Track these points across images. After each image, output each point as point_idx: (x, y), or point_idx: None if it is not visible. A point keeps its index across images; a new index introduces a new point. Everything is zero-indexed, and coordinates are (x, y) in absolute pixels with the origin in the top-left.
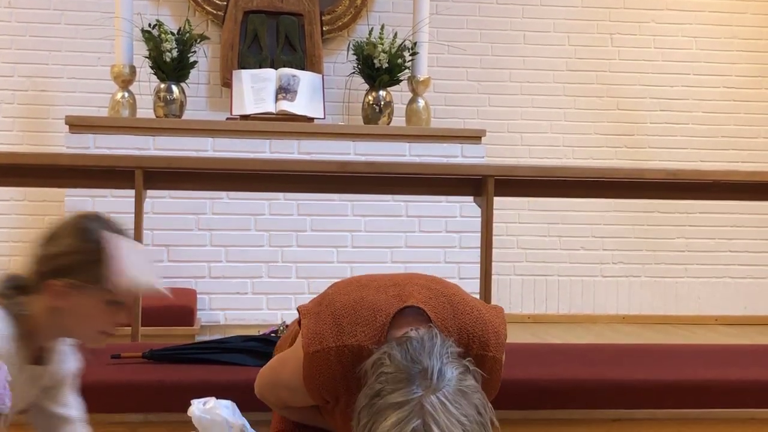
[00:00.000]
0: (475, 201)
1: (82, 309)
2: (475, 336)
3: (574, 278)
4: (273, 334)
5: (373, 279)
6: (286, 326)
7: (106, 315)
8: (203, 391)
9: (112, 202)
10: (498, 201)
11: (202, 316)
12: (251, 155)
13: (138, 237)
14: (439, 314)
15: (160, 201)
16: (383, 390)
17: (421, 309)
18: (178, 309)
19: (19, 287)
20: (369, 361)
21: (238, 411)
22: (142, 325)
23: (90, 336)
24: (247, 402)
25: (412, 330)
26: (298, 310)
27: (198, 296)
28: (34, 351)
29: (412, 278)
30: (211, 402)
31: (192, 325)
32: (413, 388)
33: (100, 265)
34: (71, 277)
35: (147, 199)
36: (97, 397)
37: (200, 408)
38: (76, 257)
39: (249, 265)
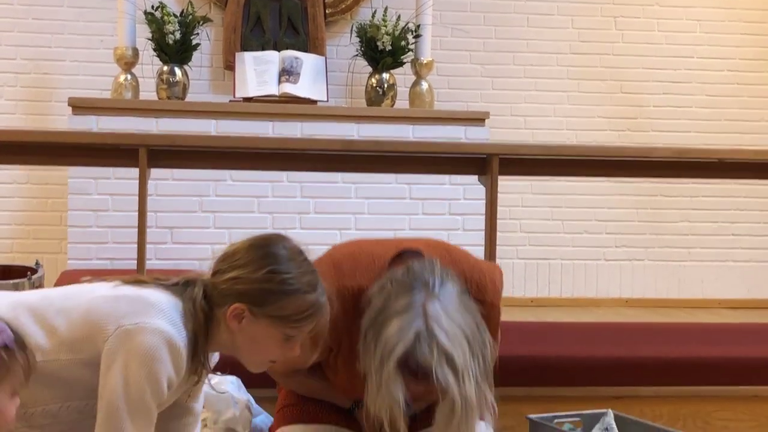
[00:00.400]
0: (479, 180)
1: (258, 337)
2: (473, 281)
3: (577, 262)
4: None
5: (370, 238)
6: None
7: (281, 348)
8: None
9: (115, 184)
10: (501, 185)
11: None
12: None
13: (142, 217)
14: (436, 258)
15: (163, 183)
16: (386, 303)
17: (419, 251)
18: None
19: (199, 292)
20: (374, 287)
21: (243, 387)
22: None
23: (256, 361)
24: (251, 379)
25: (412, 263)
26: None
27: None
28: (195, 359)
29: (408, 237)
30: (217, 378)
31: None
32: (415, 296)
33: (288, 300)
34: (256, 306)
35: (150, 181)
36: None
37: (206, 384)
38: (261, 287)
39: None
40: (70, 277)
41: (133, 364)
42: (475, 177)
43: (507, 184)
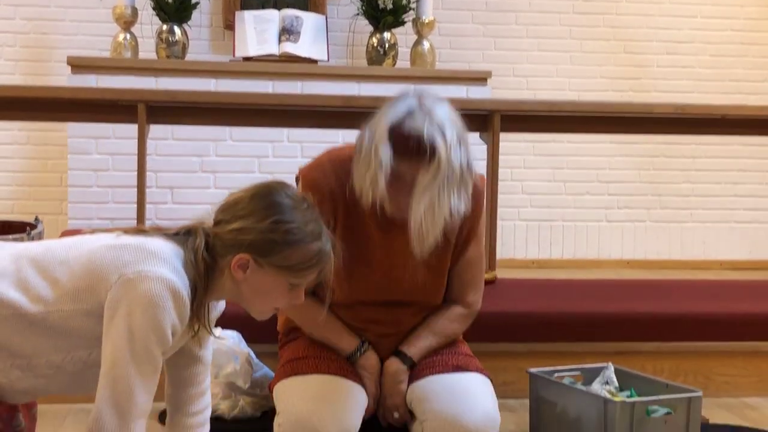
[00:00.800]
0: (481, 137)
1: (262, 286)
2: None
3: (579, 223)
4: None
5: None
6: None
7: (286, 296)
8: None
9: (115, 144)
10: (503, 146)
11: None
12: None
13: (141, 173)
14: None
15: (163, 143)
16: (379, 112)
17: None
18: None
19: (201, 241)
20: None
21: (243, 341)
22: None
23: (261, 310)
24: (251, 334)
25: None
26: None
27: None
28: (199, 305)
29: None
30: (218, 332)
31: None
32: (408, 94)
33: (293, 250)
34: (261, 256)
35: (150, 141)
36: None
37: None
38: (266, 237)
39: None
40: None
41: (136, 312)
42: (476, 136)
43: (509, 145)
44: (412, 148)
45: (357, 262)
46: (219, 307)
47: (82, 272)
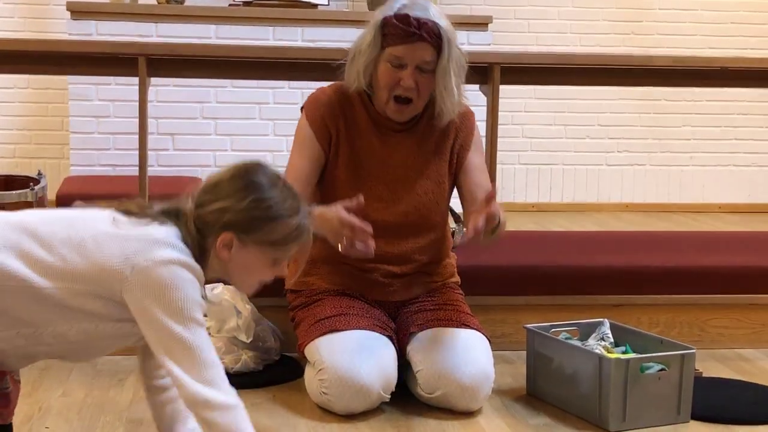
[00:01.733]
0: (480, 89)
1: (247, 262)
2: None
3: (579, 167)
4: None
5: None
6: None
7: (270, 270)
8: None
9: (116, 90)
10: (504, 90)
11: None
12: (255, 42)
13: (143, 125)
14: None
15: (164, 89)
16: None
17: None
18: None
19: (191, 224)
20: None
21: (245, 296)
22: None
23: (249, 285)
24: None
25: None
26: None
27: None
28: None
29: None
30: (219, 287)
31: None
32: None
33: (273, 225)
34: (244, 233)
35: (151, 87)
36: None
37: (209, 293)
38: (247, 215)
39: (254, 154)
40: (73, 183)
41: (163, 298)
42: (476, 88)
43: (510, 89)
44: (412, 30)
45: (360, 173)
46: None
47: (90, 257)
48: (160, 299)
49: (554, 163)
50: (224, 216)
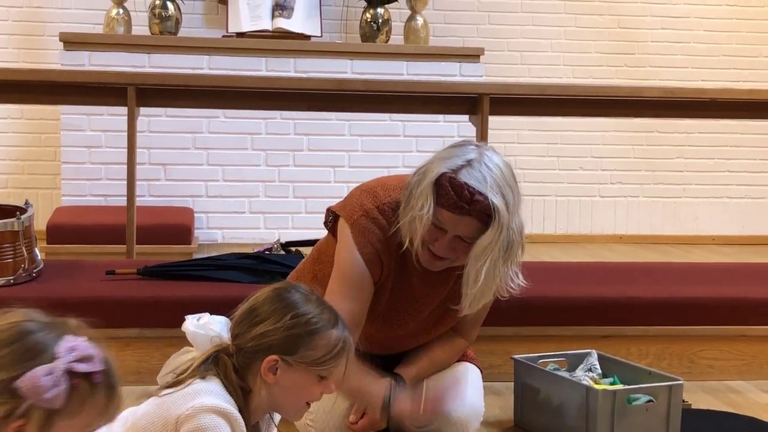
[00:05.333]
0: (470, 120)
1: (295, 385)
2: None
3: (572, 198)
4: (267, 252)
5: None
6: (281, 244)
7: (318, 389)
8: (197, 307)
9: (108, 120)
10: (496, 120)
11: (200, 235)
12: (247, 73)
13: (131, 155)
14: None
15: (156, 119)
16: (433, 158)
17: None
18: (175, 227)
19: (229, 367)
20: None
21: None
22: (138, 243)
23: (297, 409)
24: None
25: None
26: (327, 209)
27: (195, 215)
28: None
29: None
30: (205, 318)
31: (189, 244)
32: (467, 146)
33: (316, 340)
34: (288, 354)
35: (143, 118)
36: (92, 312)
37: (194, 323)
38: (289, 333)
39: (246, 185)
40: (64, 214)
41: None
42: (466, 119)
43: (502, 120)
44: (462, 204)
45: (396, 308)
46: (275, 418)
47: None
48: None
49: (547, 195)
50: (265, 339)
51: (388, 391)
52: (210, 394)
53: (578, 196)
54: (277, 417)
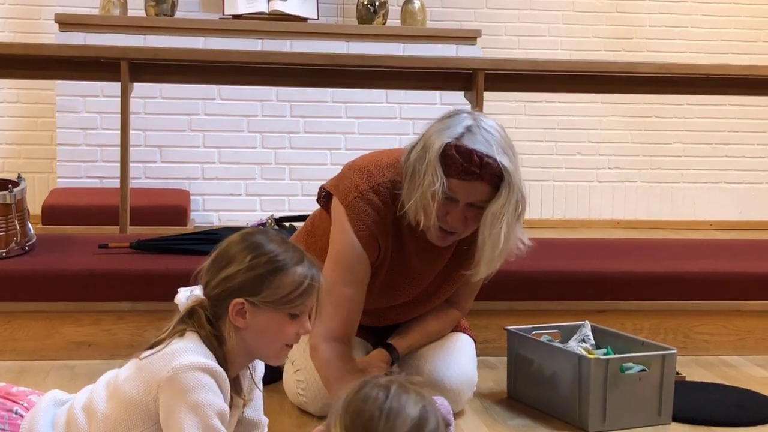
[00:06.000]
0: (465, 97)
1: (266, 326)
2: None
3: (570, 183)
4: (261, 227)
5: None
6: (275, 219)
7: (290, 328)
8: (190, 280)
9: (103, 102)
10: (493, 106)
11: (196, 217)
12: None
13: (125, 132)
14: None
15: (152, 101)
16: (429, 131)
17: None
18: (171, 209)
19: (203, 318)
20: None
21: None
22: (134, 225)
23: (275, 352)
24: None
25: None
26: (320, 188)
27: (191, 197)
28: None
29: None
30: (198, 290)
31: (185, 226)
32: (461, 113)
33: (281, 278)
34: (253, 295)
35: (138, 100)
36: (85, 285)
37: (187, 296)
38: (251, 274)
39: (242, 167)
40: (59, 195)
41: (184, 405)
42: (461, 95)
43: (499, 105)
44: (473, 169)
45: (393, 285)
46: (258, 368)
47: (124, 398)
48: (182, 407)
49: (545, 180)
50: (229, 283)
51: None
52: (188, 351)
53: (576, 181)
54: (260, 375)
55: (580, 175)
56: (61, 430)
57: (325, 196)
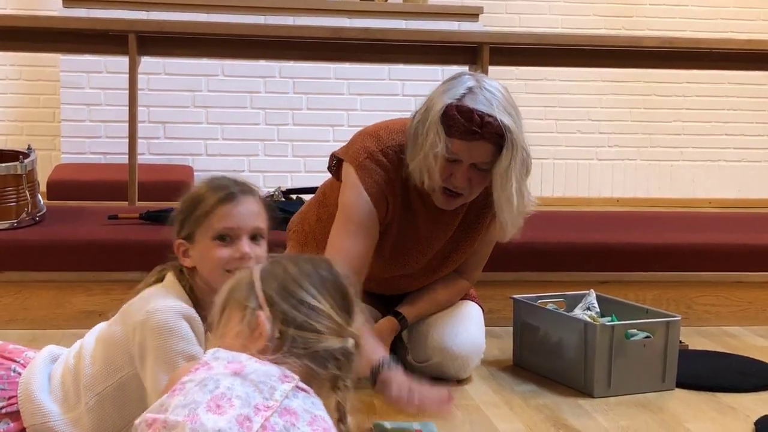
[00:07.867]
0: (470, 71)
1: (203, 256)
2: None
3: (570, 161)
4: (268, 198)
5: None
6: (282, 192)
7: (222, 251)
8: None
9: (107, 78)
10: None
11: None
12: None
13: (133, 106)
14: None
15: (155, 77)
16: (433, 94)
17: None
18: (176, 185)
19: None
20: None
21: None
22: (139, 200)
23: (216, 276)
24: None
25: None
26: (331, 155)
27: (195, 173)
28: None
29: None
30: None
31: None
32: (461, 75)
33: (192, 206)
34: (183, 230)
35: (142, 76)
36: (96, 255)
37: None
38: (179, 215)
39: (245, 143)
40: (64, 170)
41: (155, 350)
42: (465, 69)
43: (500, 82)
44: (474, 128)
45: (401, 250)
46: None
47: (108, 345)
48: (158, 346)
49: (545, 158)
50: (174, 232)
51: (378, 363)
52: (162, 295)
53: (576, 159)
54: None
55: (580, 153)
56: (57, 383)
57: (336, 163)
